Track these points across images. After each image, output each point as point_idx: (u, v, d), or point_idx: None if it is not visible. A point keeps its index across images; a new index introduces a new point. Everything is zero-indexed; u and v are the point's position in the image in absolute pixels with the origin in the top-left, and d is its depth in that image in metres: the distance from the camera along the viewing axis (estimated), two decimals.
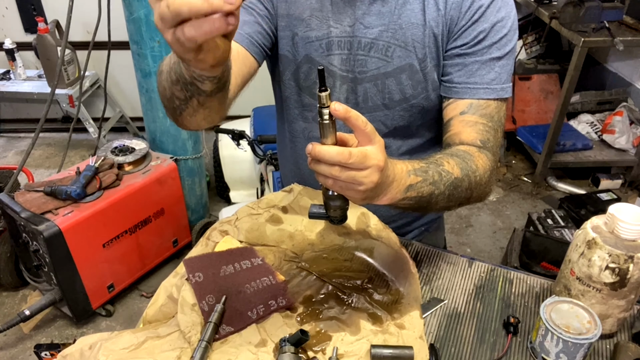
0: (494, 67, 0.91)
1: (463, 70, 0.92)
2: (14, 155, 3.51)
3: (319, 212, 0.73)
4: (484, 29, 0.89)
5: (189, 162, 2.47)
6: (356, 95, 0.98)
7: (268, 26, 0.98)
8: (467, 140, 0.91)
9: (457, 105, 0.93)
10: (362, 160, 0.63)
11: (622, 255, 0.79)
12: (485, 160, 0.89)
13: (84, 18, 2.96)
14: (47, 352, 1.85)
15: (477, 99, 0.92)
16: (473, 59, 0.91)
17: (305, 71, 0.99)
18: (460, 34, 0.91)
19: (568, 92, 2.75)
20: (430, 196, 0.79)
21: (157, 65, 2.18)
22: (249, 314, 0.82)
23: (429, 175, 0.78)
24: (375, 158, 0.64)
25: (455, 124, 0.93)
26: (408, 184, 0.75)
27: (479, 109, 0.92)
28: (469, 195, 0.86)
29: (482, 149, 0.90)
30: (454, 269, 1.02)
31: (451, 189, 0.82)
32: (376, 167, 0.64)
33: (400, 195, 0.74)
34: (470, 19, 0.90)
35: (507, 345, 0.85)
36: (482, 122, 0.91)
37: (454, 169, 0.83)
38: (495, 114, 0.92)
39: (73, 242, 1.93)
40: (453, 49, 0.92)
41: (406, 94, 0.96)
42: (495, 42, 0.90)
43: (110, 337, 0.78)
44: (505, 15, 0.90)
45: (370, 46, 0.93)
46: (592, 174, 3.12)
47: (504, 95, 0.92)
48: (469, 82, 0.92)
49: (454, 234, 2.79)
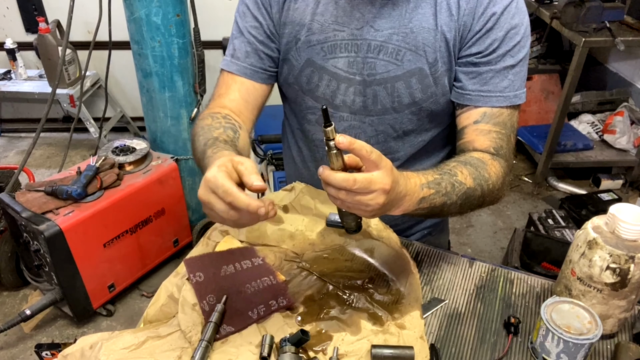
0: (507, 75, 0.92)
1: (477, 78, 0.93)
2: (14, 155, 3.51)
3: (336, 220, 0.81)
4: (497, 37, 0.90)
5: (190, 162, 2.47)
6: (365, 97, 0.98)
7: (270, 48, 1.01)
8: (481, 148, 0.93)
9: (470, 114, 0.94)
10: (367, 186, 0.67)
11: (623, 256, 0.79)
12: (498, 167, 0.91)
13: (84, 18, 2.96)
14: (47, 352, 1.86)
15: (491, 107, 0.93)
16: (487, 67, 0.92)
17: (308, 74, 0.99)
18: (475, 41, 0.91)
19: (569, 92, 2.75)
20: (442, 206, 0.83)
21: (157, 65, 2.18)
22: (249, 313, 0.82)
23: (441, 187, 0.82)
24: (380, 182, 0.67)
25: (469, 133, 0.95)
26: (421, 196, 0.79)
27: (492, 118, 0.93)
28: (481, 202, 0.89)
29: (496, 156, 0.93)
30: (455, 269, 1.02)
31: (463, 199, 0.85)
32: (381, 191, 0.68)
33: (413, 207, 0.79)
34: (483, 26, 0.90)
35: (507, 345, 0.85)
36: (496, 130, 0.93)
37: (467, 179, 0.85)
38: (508, 121, 0.94)
39: (74, 241, 1.94)
40: (467, 56, 0.92)
41: (415, 97, 0.96)
42: (509, 50, 0.90)
43: (110, 337, 0.78)
44: (518, 22, 0.90)
45: (380, 49, 0.93)
46: (592, 174, 3.12)
47: (517, 102, 0.94)
48: (482, 90, 0.93)
49: (454, 234, 2.79)
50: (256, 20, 0.99)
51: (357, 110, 0.99)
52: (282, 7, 0.97)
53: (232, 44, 1.02)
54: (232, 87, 1.01)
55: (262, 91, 1.03)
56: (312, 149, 1.10)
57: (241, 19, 1.01)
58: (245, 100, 1.01)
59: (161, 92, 2.26)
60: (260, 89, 1.03)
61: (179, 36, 2.17)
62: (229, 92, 1.01)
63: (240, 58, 1.00)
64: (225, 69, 1.02)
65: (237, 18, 1.02)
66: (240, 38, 1.01)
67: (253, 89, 1.02)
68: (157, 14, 2.08)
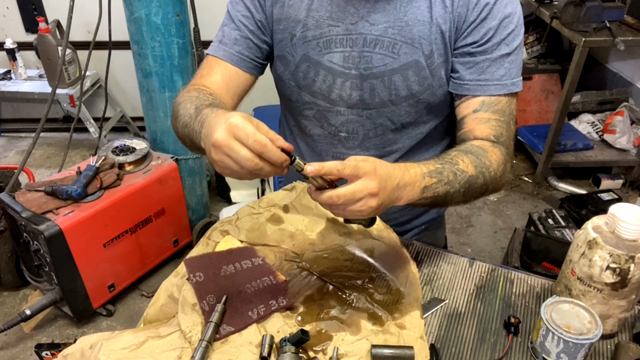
0: (504, 63, 0.93)
1: (474, 67, 0.94)
2: (14, 155, 3.51)
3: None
4: (492, 26, 0.91)
5: (190, 162, 2.47)
6: (362, 91, 0.98)
7: (260, 39, 1.01)
8: (481, 136, 0.94)
9: (469, 104, 0.96)
10: (352, 197, 0.69)
11: (623, 256, 0.79)
12: (499, 155, 0.92)
13: (84, 18, 2.96)
14: (47, 352, 1.86)
15: (489, 96, 0.94)
16: (483, 57, 0.93)
17: (304, 70, 0.99)
18: (470, 31, 0.92)
19: (569, 92, 2.75)
20: (445, 195, 0.83)
21: (157, 65, 2.18)
22: (249, 313, 0.82)
23: (443, 176, 0.83)
24: (364, 190, 0.69)
25: (469, 122, 0.96)
26: (423, 185, 0.80)
27: (491, 106, 0.94)
28: (484, 190, 0.90)
29: (496, 143, 0.93)
30: (455, 269, 1.02)
31: (466, 187, 0.86)
32: (369, 196, 0.70)
33: (417, 196, 0.80)
34: (478, 16, 0.91)
35: (507, 345, 0.85)
36: (495, 117, 0.94)
37: (468, 167, 0.86)
38: (507, 109, 0.95)
39: (74, 241, 1.93)
40: (463, 46, 0.94)
41: (412, 90, 0.96)
42: (504, 39, 0.92)
43: (110, 337, 0.78)
44: (512, 10, 0.92)
45: (376, 43, 0.94)
46: (593, 174, 3.12)
47: (514, 89, 0.95)
48: (480, 79, 0.94)
49: (454, 234, 2.79)
50: (248, 10, 0.99)
51: (354, 105, 1.00)
52: (276, 2, 0.98)
53: (221, 31, 1.02)
54: (215, 70, 1.01)
55: (244, 79, 1.03)
56: (310, 143, 1.11)
57: (233, 7, 1.01)
58: (227, 84, 1.01)
59: (161, 92, 2.26)
60: (243, 77, 1.02)
61: (179, 36, 2.17)
62: (211, 73, 1.00)
63: (228, 44, 1.00)
64: (211, 54, 1.02)
65: (229, 7, 1.02)
66: (230, 25, 1.01)
67: (236, 75, 1.01)
68: (157, 14, 2.08)
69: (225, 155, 0.68)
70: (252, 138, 0.66)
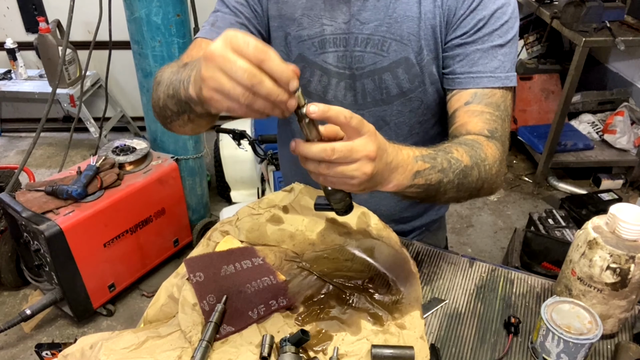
0: (497, 55, 0.89)
1: (465, 60, 0.90)
2: (15, 155, 3.51)
3: (324, 203, 0.71)
4: (483, 17, 0.88)
5: (190, 162, 2.47)
6: (355, 91, 0.98)
7: (256, 29, 0.97)
8: (475, 131, 0.87)
9: (461, 96, 0.90)
10: (348, 155, 0.60)
11: (623, 256, 0.79)
12: (495, 150, 0.85)
13: (85, 18, 2.96)
14: (48, 352, 1.86)
15: (482, 88, 0.89)
16: (474, 47, 0.89)
17: (300, 70, 0.98)
18: (459, 23, 0.89)
19: (569, 92, 2.75)
20: (438, 184, 0.76)
21: (157, 65, 2.18)
22: (249, 313, 0.82)
23: (437, 162, 0.75)
24: (363, 150, 0.61)
25: (461, 115, 0.89)
26: (415, 170, 0.72)
27: (484, 98, 0.89)
28: (480, 186, 0.83)
29: (491, 138, 0.87)
30: (455, 269, 1.01)
31: (460, 178, 0.79)
32: (366, 159, 0.61)
33: (408, 182, 0.71)
34: (468, 8, 0.88)
35: (507, 345, 0.85)
36: (489, 111, 0.88)
37: (463, 156, 0.80)
38: (502, 103, 0.90)
39: (74, 241, 1.94)
40: (453, 39, 0.90)
41: (403, 88, 0.95)
42: (497, 29, 0.88)
43: (111, 337, 0.78)
44: (504, 2, 0.88)
45: (367, 42, 0.93)
46: (593, 174, 3.12)
47: (508, 83, 0.90)
48: (471, 71, 0.89)
49: (454, 234, 2.79)
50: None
51: (349, 105, 0.98)
52: None
53: (212, 16, 0.96)
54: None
55: None
56: None
57: None
58: None
59: None
60: None
61: (179, 36, 2.17)
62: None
63: (222, 27, 0.93)
64: (202, 36, 0.94)
65: None
66: (224, 10, 0.96)
67: None
68: (157, 14, 2.08)
69: (218, 70, 0.56)
70: (252, 45, 0.55)
